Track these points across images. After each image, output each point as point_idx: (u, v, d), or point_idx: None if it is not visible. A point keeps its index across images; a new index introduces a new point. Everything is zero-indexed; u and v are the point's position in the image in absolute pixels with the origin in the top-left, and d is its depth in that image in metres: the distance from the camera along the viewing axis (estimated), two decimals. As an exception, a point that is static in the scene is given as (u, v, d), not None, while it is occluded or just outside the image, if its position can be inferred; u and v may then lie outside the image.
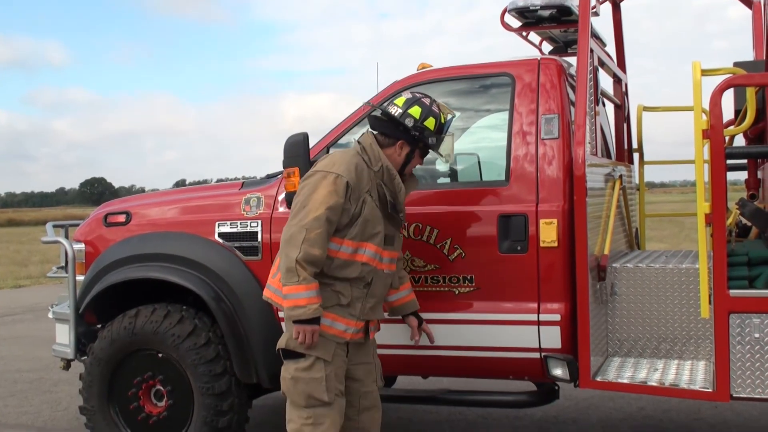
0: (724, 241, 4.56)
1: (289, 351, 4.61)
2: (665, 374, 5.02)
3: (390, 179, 4.73)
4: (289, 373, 4.62)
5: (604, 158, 5.91)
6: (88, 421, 5.91)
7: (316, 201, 4.49)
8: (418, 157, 4.84)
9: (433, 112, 4.77)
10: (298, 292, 4.44)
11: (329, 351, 4.60)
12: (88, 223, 6.39)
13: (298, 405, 4.60)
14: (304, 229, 4.45)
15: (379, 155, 4.72)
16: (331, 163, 4.63)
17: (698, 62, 4.62)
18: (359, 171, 4.62)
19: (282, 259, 4.53)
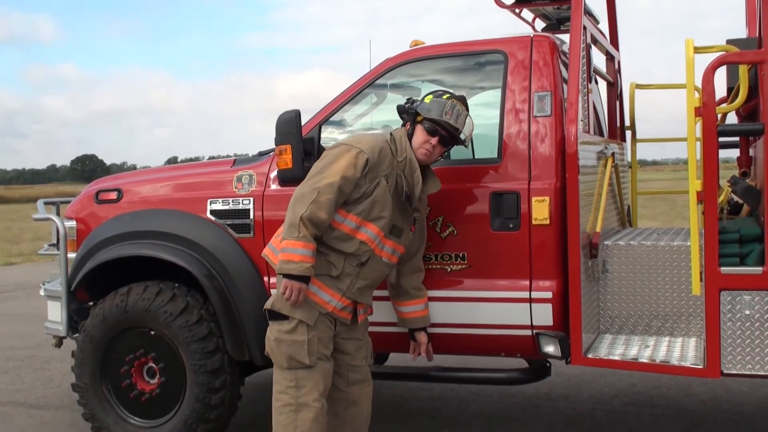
0: (716, 218, 4.56)
1: (274, 312, 4.74)
2: (656, 351, 5.04)
3: (410, 171, 4.81)
4: (273, 334, 4.75)
5: (596, 136, 5.91)
6: (80, 399, 5.92)
7: (334, 169, 4.62)
8: (420, 133, 4.84)
9: (434, 93, 4.91)
10: (295, 247, 4.55)
11: (312, 316, 4.70)
12: (79, 201, 6.37)
13: (282, 366, 4.72)
14: (317, 191, 4.58)
15: (405, 148, 4.83)
16: (358, 140, 4.79)
17: (691, 40, 4.61)
18: (383, 154, 4.74)
19: (288, 215, 4.65)
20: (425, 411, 6.84)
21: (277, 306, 4.72)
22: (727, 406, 6.68)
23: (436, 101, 4.83)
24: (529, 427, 6.33)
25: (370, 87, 5.55)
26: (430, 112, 4.79)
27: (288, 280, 4.58)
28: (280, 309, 4.71)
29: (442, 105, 4.80)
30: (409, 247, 5.07)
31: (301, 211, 4.55)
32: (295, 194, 4.69)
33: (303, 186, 4.69)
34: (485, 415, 6.68)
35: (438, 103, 4.81)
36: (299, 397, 4.69)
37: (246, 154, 6.16)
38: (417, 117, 4.86)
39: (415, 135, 4.86)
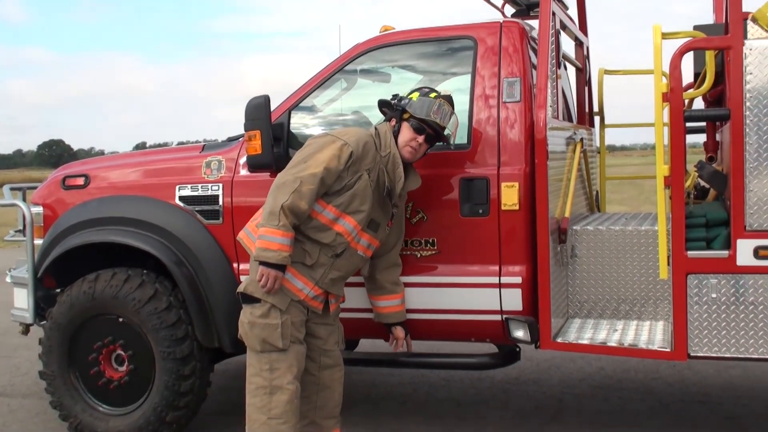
0: (683, 203, 4.60)
1: (247, 295, 4.76)
2: (624, 335, 5.08)
3: (393, 167, 4.83)
4: (246, 317, 4.78)
5: (565, 121, 5.92)
6: (48, 386, 5.87)
7: (318, 160, 4.64)
8: (407, 130, 4.87)
9: (420, 90, 4.95)
10: (274, 235, 4.56)
11: (284, 302, 4.72)
12: (46, 186, 6.31)
13: (255, 350, 4.75)
14: (299, 180, 4.59)
15: (389, 143, 4.85)
16: (344, 132, 4.83)
17: (659, 25, 4.63)
18: (366, 148, 4.77)
19: (268, 202, 4.64)
20: (395, 396, 6.85)
21: (250, 290, 4.74)
22: (694, 389, 6.75)
23: (423, 100, 4.84)
24: (499, 412, 6.37)
25: (340, 72, 5.53)
26: (417, 110, 4.81)
27: (265, 268, 4.60)
28: (252, 293, 4.73)
29: (430, 104, 4.82)
30: (386, 241, 5.09)
31: (283, 200, 4.55)
32: (277, 182, 4.67)
33: (285, 174, 4.68)
34: (455, 400, 6.71)
35: (425, 102, 4.83)
36: (273, 379, 4.71)
37: (215, 140, 6.13)
38: (404, 114, 4.88)
39: (402, 132, 4.88)
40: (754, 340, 4.57)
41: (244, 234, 4.96)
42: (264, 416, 4.71)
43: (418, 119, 4.83)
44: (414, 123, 4.84)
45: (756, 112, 4.43)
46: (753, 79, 4.43)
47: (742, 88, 4.45)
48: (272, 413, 4.70)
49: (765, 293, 4.52)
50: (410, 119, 4.85)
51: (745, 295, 4.56)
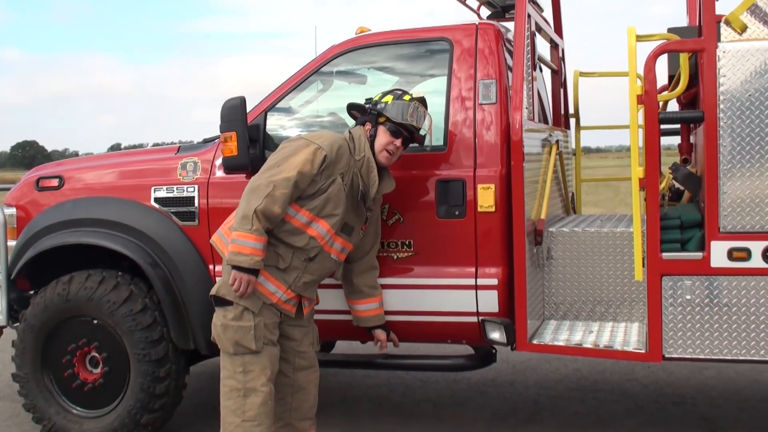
0: (657, 205, 4.63)
1: (219, 298, 4.74)
2: (600, 336, 5.10)
3: (367, 171, 4.81)
4: (218, 320, 4.76)
5: (541, 123, 5.94)
6: (21, 389, 5.82)
7: (292, 164, 4.61)
8: (383, 134, 4.86)
9: (393, 92, 4.94)
10: (246, 239, 4.54)
11: (257, 304, 4.71)
12: (19, 188, 6.26)
13: (228, 352, 4.74)
14: (272, 184, 4.56)
15: (364, 147, 4.84)
16: (318, 136, 4.79)
17: (633, 28, 4.65)
18: (341, 152, 4.74)
19: (241, 206, 4.61)
20: (371, 398, 6.85)
21: (222, 292, 4.72)
22: (669, 390, 6.79)
23: (398, 104, 4.85)
24: (475, 413, 6.38)
25: (316, 74, 5.52)
26: (394, 114, 4.83)
27: (237, 272, 4.58)
28: (225, 295, 4.71)
29: (405, 107, 4.84)
30: (362, 245, 5.09)
31: (256, 204, 4.52)
32: (250, 185, 4.64)
33: (258, 178, 4.66)
34: (431, 401, 6.71)
35: (401, 106, 4.84)
36: (247, 382, 4.69)
37: (191, 141, 6.10)
38: (379, 118, 4.87)
39: (379, 136, 4.87)
40: (728, 342, 4.60)
41: (217, 237, 4.93)
42: (238, 419, 4.69)
43: (395, 123, 4.83)
44: (391, 127, 4.84)
45: (729, 115, 4.46)
46: (726, 81, 4.46)
47: (715, 90, 4.48)
48: (246, 415, 4.69)
49: (739, 295, 4.56)
50: (386, 123, 4.85)
51: (719, 297, 4.59)
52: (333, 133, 4.90)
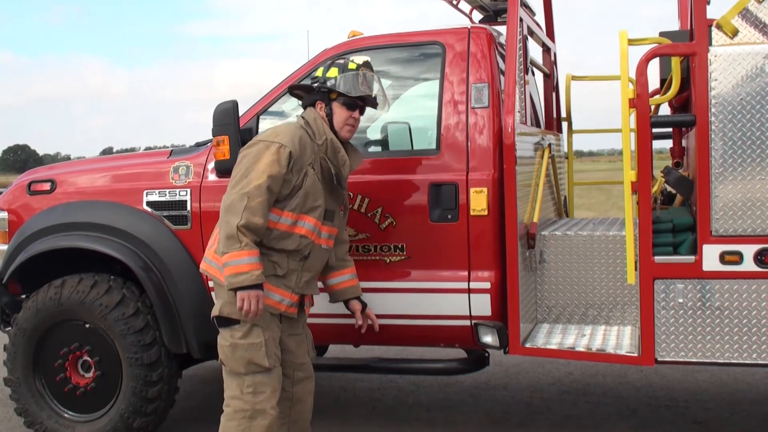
0: (650, 208, 4.64)
1: (224, 318, 4.52)
2: (593, 340, 5.11)
3: (334, 153, 4.68)
4: (226, 340, 4.52)
5: (533, 127, 5.95)
6: (12, 393, 5.81)
7: (258, 170, 4.41)
8: (340, 110, 4.72)
9: (336, 63, 4.77)
10: (240, 258, 4.34)
11: (265, 318, 4.51)
12: (11, 192, 6.25)
13: (238, 373, 4.50)
14: (246, 196, 4.37)
15: (323, 129, 4.68)
16: (274, 133, 4.57)
17: (625, 31, 4.67)
18: (303, 143, 4.56)
19: (222, 227, 4.43)
20: (364, 402, 6.84)
21: (227, 311, 4.50)
22: (661, 393, 6.80)
23: (348, 76, 4.70)
24: (468, 417, 6.37)
25: (308, 78, 5.52)
26: (347, 89, 4.68)
27: (243, 292, 4.36)
28: (230, 314, 4.48)
29: (355, 78, 4.70)
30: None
31: (236, 221, 4.33)
32: (224, 204, 4.45)
33: (230, 194, 4.45)
34: (424, 405, 6.71)
35: (351, 78, 4.70)
36: (256, 403, 4.47)
37: (183, 145, 6.09)
38: (331, 95, 4.72)
39: (336, 114, 4.72)
40: (720, 345, 4.61)
41: (207, 265, 4.73)
42: None
43: (349, 97, 4.70)
44: (346, 101, 4.70)
45: (721, 118, 4.47)
46: (718, 85, 4.47)
47: (707, 94, 4.49)
48: None
49: (731, 298, 4.56)
50: (339, 98, 4.70)
51: (711, 300, 4.60)
52: (287, 125, 4.71)
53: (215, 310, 4.57)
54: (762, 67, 4.42)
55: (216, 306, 4.58)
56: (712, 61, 4.48)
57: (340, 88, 4.68)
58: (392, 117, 5.67)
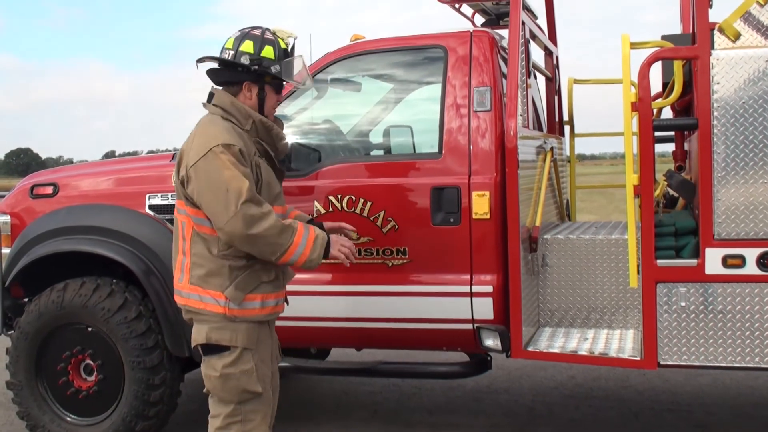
0: (652, 212, 4.63)
1: (211, 346, 4.14)
2: (595, 343, 5.10)
3: (267, 132, 4.28)
4: (215, 370, 4.14)
5: (535, 131, 5.95)
6: (15, 397, 5.82)
7: (231, 177, 3.95)
8: (271, 93, 4.33)
9: (267, 41, 4.29)
10: (301, 237, 4.07)
11: (253, 338, 4.17)
12: (13, 195, 6.26)
13: (231, 402, 4.17)
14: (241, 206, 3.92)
15: (246, 112, 4.21)
16: (214, 137, 4.04)
17: (627, 35, 4.67)
18: (239, 134, 4.12)
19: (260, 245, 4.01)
20: (366, 405, 6.84)
21: (215, 337, 4.11)
22: (664, 396, 6.79)
23: (288, 63, 4.32)
24: (470, 420, 6.37)
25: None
26: (290, 74, 4.32)
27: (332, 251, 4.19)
28: (218, 340, 4.11)
29: (293, 64, 4.34)
30: None
31: (267, 224, 3.96)
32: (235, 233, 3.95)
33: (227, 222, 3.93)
34: (426, 408, 6.70)
35: (291, 64, 4.33)
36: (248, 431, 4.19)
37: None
38: (266, 78, 4.28)
39: (268, 98, 4.32)
40: (722, 349, 4.60)
41: (184, 299, 4.24)
42: None
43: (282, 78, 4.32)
44: (278, 84, 4.35)
45: (723, 122, 4.47)
46: (720, 88, 4.47)
47: (709, 97, 4.49)
48: None
49: (733, 302, 4.56)
50: (273, 81, 4.32)
51: (713, 304, 4.59)
52: (211, 125, 4.15)
53: (199, 337, 4.17)
54: (764, 71, 4.42)
55: (199, 333, 4.17)
56: (714, 64, 4.48)
57: (284, 76, 4.32)
58: (394, 120, 5.68)
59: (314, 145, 5.61)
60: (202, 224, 4.12)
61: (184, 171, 4.09)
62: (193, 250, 4.17)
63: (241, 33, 4.33)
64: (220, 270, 4.10)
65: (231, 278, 4.10)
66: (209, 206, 4.01)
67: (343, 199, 5.22)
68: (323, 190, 5.26)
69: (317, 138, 5.74)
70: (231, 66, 4.27)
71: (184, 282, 4.23)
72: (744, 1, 4.64)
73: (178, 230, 4.25)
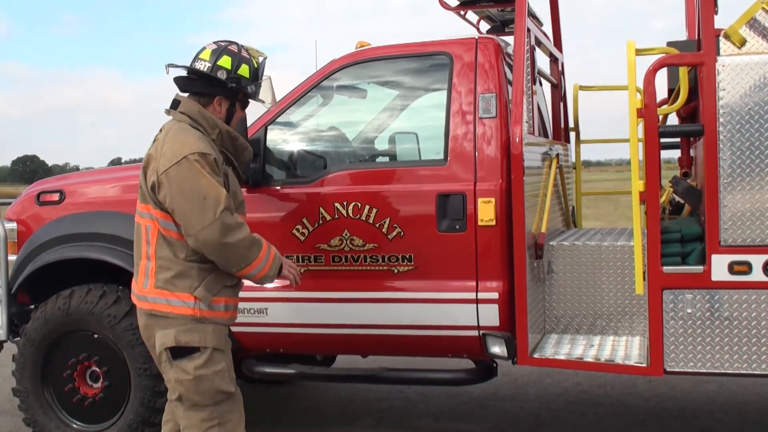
0: (658, 218, 4.63)
1: (181, 348, 4.10)
2: (601, 350, 5.10)
3: (232, 142, 4.32)
4: (187, 373, 4.09)
5: (541, 137, 5.95)
6: (21, 403, 5.82)
7: (206, 184, 3.98)
8: (239, 110, 4.43)
9: (244, 59, 4.34)
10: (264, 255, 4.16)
11: (222, 338, 4.19)
12: (20, 202, 6.27)
13: (202, 405, 4.13)
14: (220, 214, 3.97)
15: (214, 121, 4.24)
16: (182, 145, 4.06)
17: (632, 42, 4.66)
18: (208, 143, 4.15)
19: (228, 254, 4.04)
20: (372, 412, 6.83)
21: (184, 339, 4.08)
22: (670, 404, 6.78)
23: (264, 84, 4.46)
24: (476, 427, 6.36)
25: (316, 88, 5.52)
26: (256, 94, 4.43)
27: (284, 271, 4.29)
28: (188, 342, 4.09)
29: (264, 86, 4.47)
30: None
31: (241, 234, 4.04)
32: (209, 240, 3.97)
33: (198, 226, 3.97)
34: (432, 415, 6.70)
35: (264, 86, 4.46)
36: None
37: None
38: (229, 86, 4.28)
39: (236, 114, 4.40)
40: (729, 355, 4.59)
41: (151, 304, 4.18)
42: None
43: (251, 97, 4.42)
44: (245, 101, 4.42)
45: (729, 128, 4.46)
46: (726, 95, 4.46)
47: (715, 104, 4.48)
48: None
49: (740, 308, 4.55)
50: (243, 99, 4.40)
51: (720, 310, 4.58)
52: (182, 133, 4.16)
53: (167, 341, 4.11)
54: (770, 77, 4.42)
55: (167, 336, 4.12)
56: (719, 70, 4.48)
57: (257, 97, 4.45)
58: (400, 127, 5.68)
59: (320, 152, 5.61)
60: (169, 228, 4.15)
61: (155, 176, 4.10)
62: (158, 253, 4.17)
63: (218, 47, 4.34)
64: (188, 271, 4.12)
65: (200, 279, 4.13)
66: (183, 213, 4.03)
67: (348, 205, 5.22)
68: (329, 196, 5.26)
69: (323, 145, 5.75)
70: (206, 78, 4.28)
71: (149, 287, 4.20)
72: (750, 7, 4.64)
73: (141, 235, 4.26)
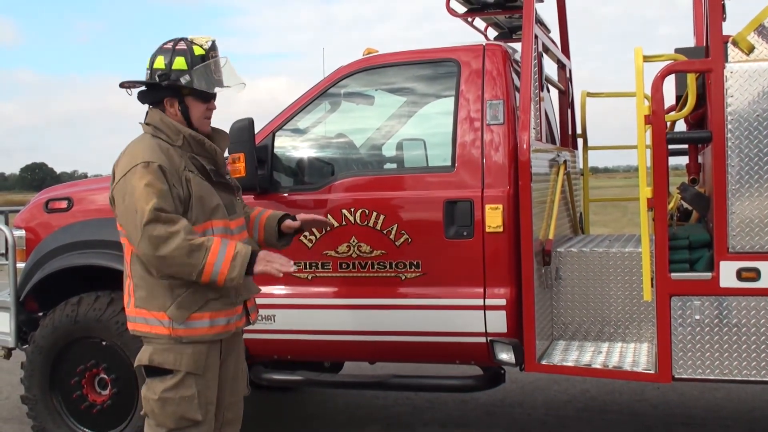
0: (666, 225, 4.62)
1: (153, 368, 3.99)
2: (609, 357, 5.09)
3: (200, 146, 4.12)
4: (154, 393, 3.97)
5: (548, 144, 5.95)
6: (30, 411, 5.83)
7: (144, 195, 3.83)
8: (196, 104, 4.14)
9: (178, 51, 4.12)
10: (217, 253, 3.84)
11: (200, 363, 3.99)
12: (28, 210, 6.28)
13: (166, 428, 4.01)
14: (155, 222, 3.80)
15: (176, 127, 4.07)
16: (135, 156, 3.96)
17: (640, 48, 4.66)
18: (165, 151, 3.99)
19: (174, 268, 3.87)
20: (379, 419, 6.82)
21: (158, 360, 3.96)
22: (679, 410, 6.76)
23: (200, 70, 4.11)
24: (484, 434, 6.36)
25: (324, 95, 5.53)
26: (204, 86, 4.12)
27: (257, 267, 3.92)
28: (161, 363, 3.95)
29: (208, 69, 4.15)
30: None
31: (177, 241, 3.78)
32: (142, 253, 3.87)
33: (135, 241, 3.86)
34: (439, 422, 6.69)
35: (203, 70, 4.13)
36: None
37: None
38: (183, 90, 4.11)
39: (192, 109, 4.13)
40: (737, 362, 4.58)
41: (133, 324, 4.10)
42: None
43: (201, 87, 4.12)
44: (200, 94, 4.13)
45: (737, 135, 4.46)
46: (734, 101, 4.46)
47: (723, 110, 4.48)
48: None
49: (748, 315, 4.54)
50: (193, 92, 4.11)
51: (728, 317, 4.57)
52: (139, 143, 4.07)
53: (143, 358, 4.02)
54: (778, 83, 4.41)
55: (143, 354, 4.03)
56: (727, 77, 4.48)
57: (197, 85, 4.10)
58: (408, 134, 5.68)
59: (327, 159, 5.62)
60: None
61: (110, 192, 4.07)
62: (133, 272, 4.07)
63: (155, 49, 4.21)
64: (158, 289, 3.98)
65: (173, 297, 3.96)
66: (126, 228, 3.97)
67: (356, 212, 5.22)
68: (336, 203, 5.26)
69: (330, 151, 5.76)
70: (149, 85, 4.17)
71: (131, 306, 4.10)
72: (758, 14, 4.64)
73: (124, 252, 4.16)
